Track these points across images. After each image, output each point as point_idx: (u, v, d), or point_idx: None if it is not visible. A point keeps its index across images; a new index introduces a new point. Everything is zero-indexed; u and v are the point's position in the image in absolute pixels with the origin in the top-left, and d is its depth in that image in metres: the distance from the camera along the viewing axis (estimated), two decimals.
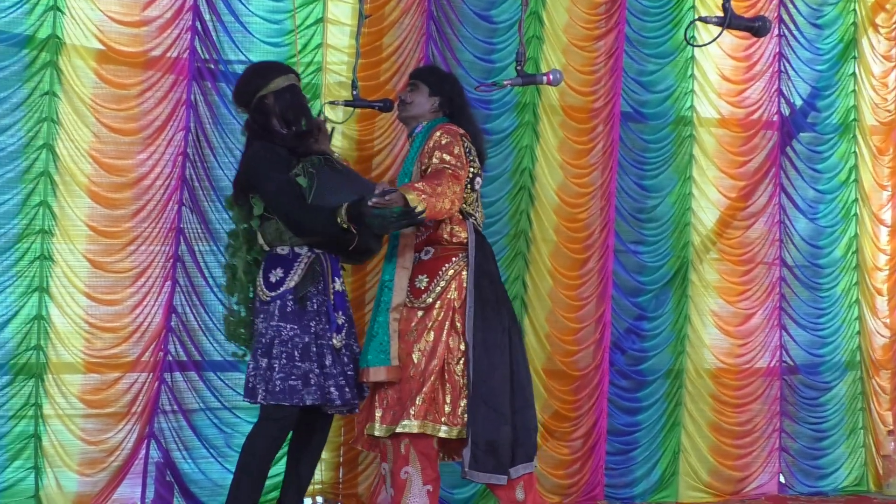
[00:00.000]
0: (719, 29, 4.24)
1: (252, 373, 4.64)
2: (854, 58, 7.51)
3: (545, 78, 4.95)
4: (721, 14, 4.20)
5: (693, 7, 6.92)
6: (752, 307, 7.22)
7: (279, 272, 4.67)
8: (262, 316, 4.67)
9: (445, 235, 4.79)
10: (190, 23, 5.71)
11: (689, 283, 7.00)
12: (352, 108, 5.73)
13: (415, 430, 4.65)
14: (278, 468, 5.18)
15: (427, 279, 4.77)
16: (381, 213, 4.38)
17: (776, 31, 7.22)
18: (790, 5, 7.29)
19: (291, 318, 4.62)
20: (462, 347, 4.73)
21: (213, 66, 5.77)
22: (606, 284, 6.74)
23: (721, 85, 7.15)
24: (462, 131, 4.81)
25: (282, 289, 4.63)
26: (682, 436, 6.95)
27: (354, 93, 5.54)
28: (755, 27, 4.30)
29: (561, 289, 6.61)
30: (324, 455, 5.94)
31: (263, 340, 4.62)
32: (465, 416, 4.66)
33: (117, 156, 5.60)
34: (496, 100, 6.46)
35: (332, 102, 5.78)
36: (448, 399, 4.71)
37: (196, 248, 5.75)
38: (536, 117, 6.58)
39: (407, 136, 5.06)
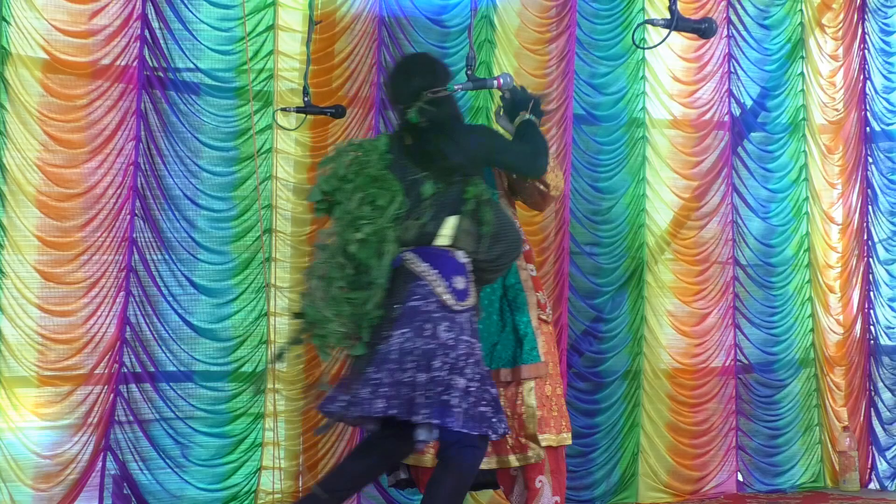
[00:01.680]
0: (668, 31, 4.27)
1: (432, 388, 3.95)
2: (802, 58, 7.57)
3: (495, 82, 4.95)
4: (668, 17, 4.22)
5: (643, 9, 6.96)
6: (708, 307, 7.26)
7: (461, 281, 4.15)
8: (445, 325, 4.05)
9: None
10: (138, 31, 5.67)
11: (645, 284, 7.03)
12: (304, 115, 5.74)
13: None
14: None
15: (544, 296, 4.96)
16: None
17: (725, 33, 7.27)
18: (738, 6, 7.35)
19: (477, 335, 4.18)
20: None
21: (161, 75, 5.74)
22: (563, 287, 6.76)
23: (672, 86, 7.19)
24: None
25: (466, 302, 4.15)
26: (641, 436, 6.97)
27: (306, 99, 5.56)
28: (702, 29, 4.32)
29: None
30: (283, 464, 5.94)
31: (452, 355, 4.01)
32: None
33: (67, 166, 5.56)
34: None
35: (284, 109, 5.78)
36: None
37: (149, 258, 5.72)
38: (489, 122, 6.58)
39: None
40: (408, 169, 4.18)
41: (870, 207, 7.75)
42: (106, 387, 5.60)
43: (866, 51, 7.73)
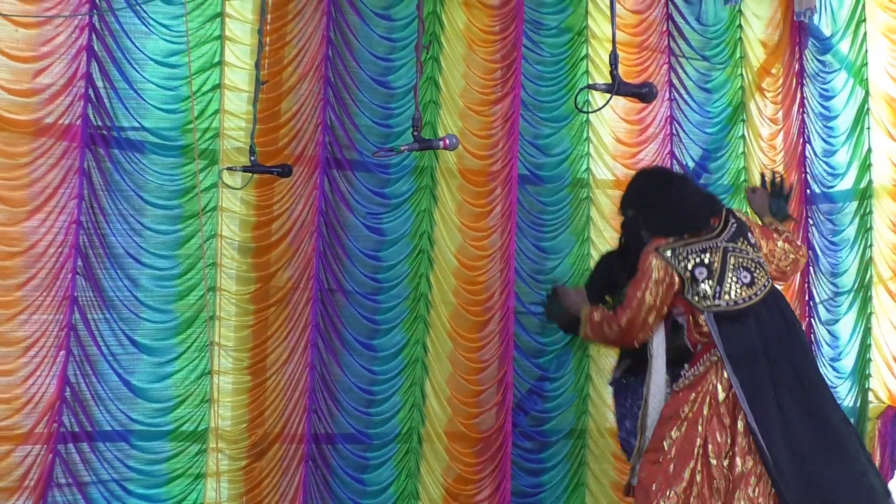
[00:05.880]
0: (609, 95, 4.33)
1: None
2: (743, 121, 7.68)
3: (441, 143, 5.02)
4: (610, 81, 4.29)
5: (586, 72, 7.07)
6: None
7: None
8: None
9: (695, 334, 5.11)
10: (83, 90, 5.65)
11: (590, 343, 7.05)
12: (250, 174, 5.75)
13: None
14: None
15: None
16: None
17: (667, 95, 7.38)
18: (679, 70, 7.47)
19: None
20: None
21: (105, 133, 5.71)
22: (507, 346, 6.77)
23: (616, 148, 7.26)
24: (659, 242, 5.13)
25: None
26: (587, 496, 6.97)
27: (253, 158, 5.57)
28: (642, 93, 4.38)
29: (461, 351, 6.63)
30: None
31: None
32: None
33: (8, 223, 5.50)
34: (394, 164, 6.51)
35: (230, 168, 5.78)
36: None
37: (90, 317, 5.67)
38: (434, 181, 6.64)
39: None
40: None
41: (811, 268, 7.83)
42: (44, 447, 5.52)
43: (805, 115, 7.86)
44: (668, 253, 5.06)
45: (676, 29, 7.46)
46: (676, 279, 5.03)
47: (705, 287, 5.01)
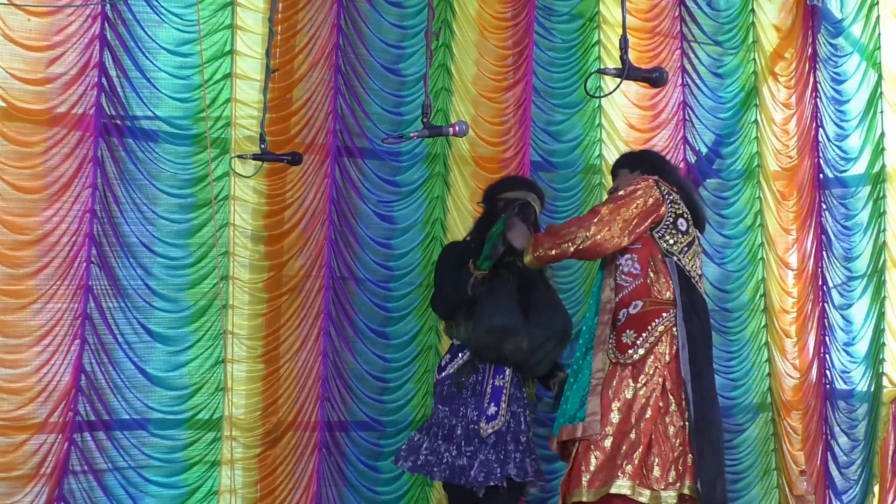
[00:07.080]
0: (619, 80, 4.32)
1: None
2: (756, 105, 7.67)
3: (451, 129, 5.02)
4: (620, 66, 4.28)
5: (598, 58, 7.05)
6: None
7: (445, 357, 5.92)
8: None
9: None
10: (96, 79, 5.65)
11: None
12: (261, 162, 5.76)
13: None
14: None
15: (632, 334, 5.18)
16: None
17: (679, 81, 7.37)
18: (692, 55, 7.45)
19: (445, 402, 5.69)
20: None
21: (119, 123, 5.73)
22: None
23: (628, 133, 7.25)
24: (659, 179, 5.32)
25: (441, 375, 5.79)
26: None
27: (263, 146, 5.57)
28: (652, 78, 4.38)
29: None
30: None
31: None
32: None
33: (22, 213, 5.50)
34: (406, 151, 6.51)
35: (240, 156, 5.79)
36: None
37: (105, 306, 5.68)
38: (447, 168, 6.64)
39: None
40: None
41: (824, 253, 7.82)
42: (60, 436, 5.54)
43: (818, 99, 7.84)
44: (665, 188, 5.29)
45: (689, 14, 7.44)
46: (663, 210, 5.25)
47: (677, 239, 5.26)
